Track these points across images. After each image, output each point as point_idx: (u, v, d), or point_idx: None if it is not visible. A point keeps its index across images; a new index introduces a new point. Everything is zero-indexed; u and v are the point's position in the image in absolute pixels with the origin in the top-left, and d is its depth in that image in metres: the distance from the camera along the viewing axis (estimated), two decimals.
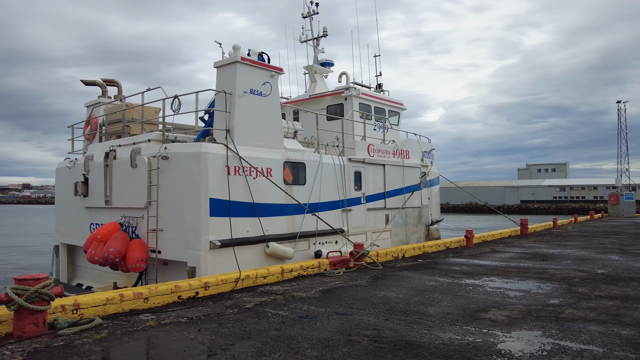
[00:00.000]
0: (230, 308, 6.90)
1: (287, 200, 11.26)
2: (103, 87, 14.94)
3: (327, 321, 6.12)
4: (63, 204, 13.87)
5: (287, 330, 5.68)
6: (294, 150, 11.76)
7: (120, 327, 5.84)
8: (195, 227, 9.56)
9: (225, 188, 9.81)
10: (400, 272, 10.16)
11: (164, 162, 10.19)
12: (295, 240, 11.34)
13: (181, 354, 4.87)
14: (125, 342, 5.24)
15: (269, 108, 11.15)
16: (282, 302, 7.28)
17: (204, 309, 6.89)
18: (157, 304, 7.20)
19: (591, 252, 13.72)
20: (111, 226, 10.61)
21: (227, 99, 10.25)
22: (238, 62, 10.37)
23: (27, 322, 5.34)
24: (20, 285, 5.32)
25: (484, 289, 8.26)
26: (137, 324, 5.99)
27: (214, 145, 9.84)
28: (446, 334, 5.53)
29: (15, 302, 5.23)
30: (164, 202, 10.21)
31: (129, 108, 12.70)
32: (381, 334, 5.56)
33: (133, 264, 10.17)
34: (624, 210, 42.02)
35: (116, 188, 11.46)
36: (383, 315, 6.45)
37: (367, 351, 4.92)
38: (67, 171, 13.56)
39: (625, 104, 47.39)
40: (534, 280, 9.10)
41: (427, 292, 7.97)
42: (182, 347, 5.07)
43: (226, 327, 5.83)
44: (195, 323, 6.05)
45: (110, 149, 11.65)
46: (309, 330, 5.70)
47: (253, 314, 6.49)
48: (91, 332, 5.60)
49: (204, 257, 9.46)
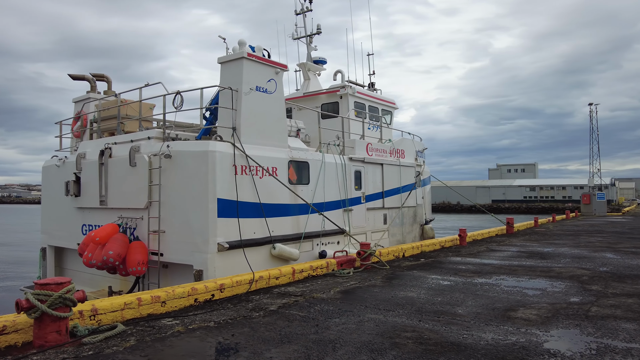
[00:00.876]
0: (254, 311, 6.64)
1: (292, 200, 11.03)
2: (92, 82, 14.36)
3: (361, 323, 5.95)
4: (51, 205, 13.22)
5: (325, 334, 5.48)
6: (298, 149, 11.54)
7: (147, 334, 5.52)
8: (202, 229, 9.21)
9: (232, 188, 9.50)
10: (409, 272, 10.08)
11: (166, 161, 9.79)
12: (300, 241, 11.10)
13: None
14: (160, 350, 4.94)
15: (274, 106, 10.89)
16: (305, 304, 7.06)
17: (226, 312, 6.61)
18: (175, 307, 6.89)
19: (584, 250, 14.00)
20: (109, 228, 10.13)
21: (233, 96, 9.93)
22: (244, 58, 10.07)
23: (49, 330, 4.98)
24: (42, 290, 4.94)
25: (500, 288, 8.25)
26: (163, 330, 5.67)
27: (222, 144, 9.52)
28: (487, 334, 5.45)
29: (38, 309, 4.86)
30: (167, 202, 9.82)
31: (124, 104, 12.19)
32: (422, 335, 5.43)
33: (134, 267, 9.73)
34: (596, 210, 43.40)
35: (112, 188, 10.97)
36: (414, 316, 6.33)
37: (417, 353, 4.78)
38: (56, 170, 12.93)
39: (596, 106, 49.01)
40: (544, 279, 9.16)
41: (446, 292, 7.90)
42: (224, 354, 4.80)
43: (260, 332, 5.58)
44: (225, 327, 5.78)
45: (105, 147, 11.15)
46: (347, 333, 5.52)
47: (282, 317, 6.26)
48: (117, 340, 5.27)
49: (212, 260, 9.13)
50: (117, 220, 10.65)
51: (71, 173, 12.20)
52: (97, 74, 14.47)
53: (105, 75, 14.57)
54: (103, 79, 14.53)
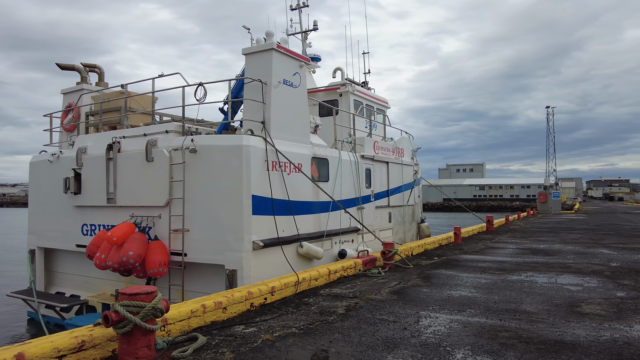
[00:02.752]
0: (323, 314, 6.34)
1: (314, 198, 10.73)
2: (83, 73, 13.37)
3: (447, 325, 5.81)
4: (41, 203, 12.16)
5: (422, 337, 5.31)
6: (319, 145, 11.24)
7: (235, 344, 5.11)
8: (235, 227, 8.74)
9: (265, 184, 9.10)
10: (437, 271, 10.07)
11: (190, 156, 9.22)
12: (323, 240, 10.83)
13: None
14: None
15: (299, 100, 10.54)
16: (368, 306, 6.85)
17: (294, 316, 6.27)
18: (234, 313, 6.47)
19: (577, 246, 14.61)
20: (126, 227, 9.41)
21: (263, 88, 9.49)
22: (274, 49, 9.65)
23: (140, 345, 4.46)
24: (132, 301, 4.42)
25: (540, 285, 8.39)
26: (249, 339, 5.27)
27: (255, 138, 9.08)
28: (577, 331, 5.48)
29: (129, 322, 4.34)
30: (190, 199, 9.25)
31: (129, 96, 11.39)
32: (519, 334, 5.37)
33: (155, 268, 9.10)
34: (552, 208, 45.75)
35: (123, 184, 10.22)
36: (490, 315, 6.27)
37: (535, 353, 4.71)
38: (48, 166, 11.89)
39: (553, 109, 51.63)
40: (570, 275, 9.42)
41: (495, 290, 7.93)
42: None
43: (354, 337, 5.32)
44: (312, 334, 5.46)
45: (113, 141, 10.36)
46: (444, 335, 5.37)
47: (362, 321, 6.02)
48: (210, 353, 4.84)
49: (247, 259, 8.68)
50: (130, 218, 9.94)
51: (68, 169, 11.28)
52: (88, 64, 13.49)
53: (97, 65, 13.60)
54: (95, 69, 13.56)
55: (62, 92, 13.40)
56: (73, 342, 4.46)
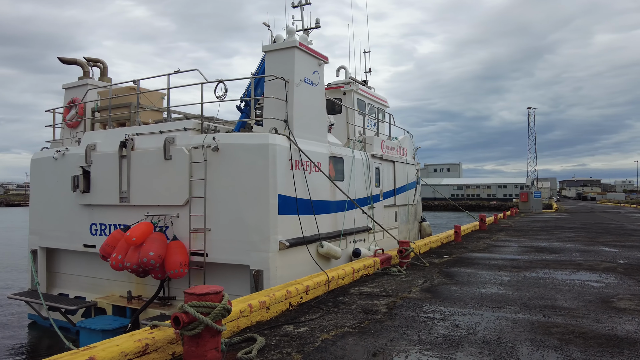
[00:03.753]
0: (366, 313, 6.30)
1: (331, 197, 10.68)
2: (85, 67, 13.01)
3: (495, 322, 5.86)
4: (44, 202, 11.74)
5: (478, 335, 5.34)
6: (334, 144, 11.20)
7: (294, 345, 5.03)
8: (261, 226, 8.61)
9: (289, 183, 9.00)
10: (454, 269, 10.16)
11: (212, 154, 9.05)
12: (340, 239, 10.78)
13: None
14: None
15: (318, 98, 10.47)
16: (407, 304, 6.85)
17: (338, 315, 6.22)
18: (276, 312, 6.37)
19: (577, 244, 14.96)
20: (144, 226, 9.17)
21: (286, 86, 9.38)
22: (296, 47, 9.56)
23: (209, 347, 4.33)
24: (201, 301, 4.28)
25: (561, 281, 8.55)
26: (307, 339, 5.19)
27: (280, 137, 8.97)
28: (626, 326, 5.61)
29: (201, 323, 4.21)
30: (212, 198, 9.08)
31: (137, 93, 11.10)
32: (571, 329, 5.46)
33: (175, 269, 8.90)
34: (533, 207, 46.74)
35: (137, 183, 9.95)
36: (532, 312, 6.35)
37: (597, 349, 4.79)
38: (52, 163, 11.49)
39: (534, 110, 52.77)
40: (586, 272, 9.63)
41: (523, 287, 8.03)
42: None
43: (412, 335, 5.30)
44: (369, 333, 5.42)
45: (126, 138, 10.08)
46: (499, 332, 5.41)
47: (410, 319, 6.01)
48: (275, 354, 4.74)
49: (273, 259, 8.57)
50: (146, 218, 9.70)
51: (75, 167, 10.93)
52: (91, 58, 13.12)
53: (100, 60, 13.24)
54: (97, 63, 13.20)
55: (64, 87, 12.99)
56: (137, 345, 4.31)
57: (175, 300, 9.94)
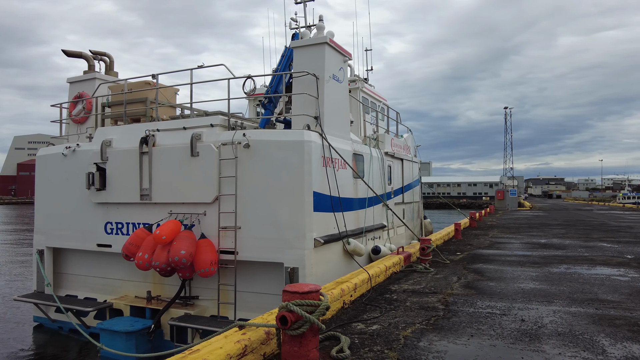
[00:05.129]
0: (429, 310, 6.35)
1: (354, 195, 10.68)
2: (90, 61, 12.54)
3: (553, 314, 6.02)
4: (51, 200, 11.24)
5: (548, 328, 5.45)
6: (356, 141, 11.19)
7: (380, 342, 5.00)
8: (296, 224, 8.52)
9: (322, 180, 8.95)
10: (476, 265, 10.34)
11: (242, 151, 8.89)
12: (362, 236, 10.80)
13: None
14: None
15: (343, 95, 10.43)
16: (458, 301, 6.94)
17: (402, 312, 6.24)
18: (333, 311, 6.32)
19: (576, 241, 15.47)
20: (172, 225, 8.92)
21: (317, 83, 9.30)
22: (327, 43, 9.49)
23: (311, 347, 4.27)
24: (304, 300, 4.20)
25: (586, 276, 8.85)
26: (387, 337, 5.17)
27: (314, 134, 8.89)
28: None
29: (306, 322, 4.13)
30: (242, 195, 8.92)
31: (155, 88, 10.79)
32: (635, 321, 5.63)
33: (206, 267, 8.70)
34: (509, 205, 47.99)
35: (160, 180, 9.67)
36: (583, 304, 6.54)
37: None
38: (61, 160, 11.01)
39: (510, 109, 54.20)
40: (604, 266, 9.98)
41: (555, 282, 8.26)
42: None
43: (487, 331, 5.36)
44: (444, 329, 5.46)
45: (147, 134, 9.77)
46: (566, 325, 5.56)
47: (473, 315, 6.08)
48: (367, 352, 4.70)
49: (309, 257, 8.50)
50: (170, 216, 9.45)
51: (88, 163, 10.52)
52: (97, 52, 12.67)
53: (106, 53, 12.79)
54: (104, 57, 12.74)
55: (68, 82, 12.46)
56: (238, 347, 4.20)
57: (198, 299, 9.73)
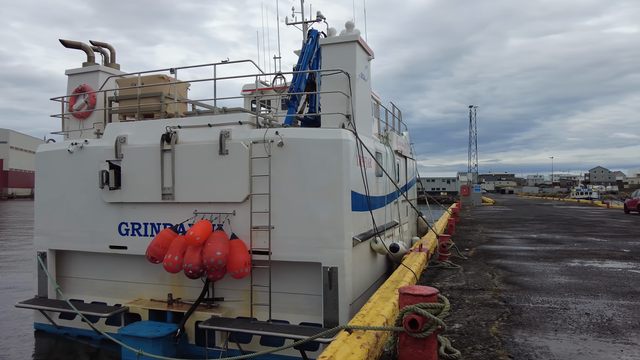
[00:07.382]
0: (489, 307, 6.48)
1: (376, 193, 10.71)
2: (90, 52, 11.87)
3: (608, 308, 6.27)
4: (54, 199, 10.55)
5: (616, 320, 5.69)
6: (376, 139, 11.20)
7: (478, 341, 5.04)
8: (334, 223, 8.42)
9: (357, 179, 8.90)
10: (495, 261, 10.62)
11: (274, 149, 8.69)
12: (384, 234, 10.83)
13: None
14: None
15: (368, 94, 10.40)
16: (510, 297, 7.12)
17: (465, 310, 6.33)
18: None
19: (563, 235, 16.18)
20: (204, 225, 8.60)
21: (349, 81, 9.21)
22: (358, 42, 9.41)
23: (433, 349, 4.23)
24: (427, 302, 4.16)
25: (606, 269, 9.32)
26: (479, 336, 5.23)
27: (350, 133, 8.81)
28: None
29: (432, 324, 4.10)
30: (275, 194, 8.73)
31: (174, 83, 10.34)
32: None
33: (240, 269, 8.47)
34: (473, 200, 49.59)
35: (184, 179, 9.30)
36: (627, 297, 6.86)
37: None
38: (67, 156, 10.35)
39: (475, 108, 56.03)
40: (613, 260, 10.53)
41: (582, 276, 8.64)
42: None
43: (561, 325, 5.53)
44: (524, 325, 5.59)
45: (169, 130, 9.36)
46: (629, 318, 5.80)
47: (538, 310, 6.27)
48: (477, 352, 4.73)
49: (348, 256, 8.43)
50: (195, 216, 9.12)
51: (99, 160, 9.97)
52: (97, 42, 11.99)
53: (107, 44, 12.13)
54: (104, 48, 12.08)
55: (67, 74, 11.72)
56: (364, 351, 4.11)
57: (223, 301, 9.46)
